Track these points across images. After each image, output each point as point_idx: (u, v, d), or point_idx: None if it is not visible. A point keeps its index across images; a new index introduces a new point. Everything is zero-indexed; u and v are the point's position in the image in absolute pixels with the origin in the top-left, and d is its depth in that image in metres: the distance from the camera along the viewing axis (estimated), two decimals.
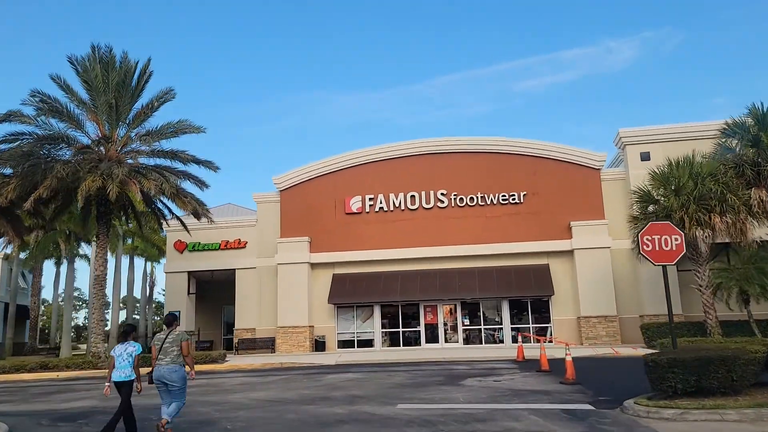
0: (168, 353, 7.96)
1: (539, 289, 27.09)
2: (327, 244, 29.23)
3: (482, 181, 28.64)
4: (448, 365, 19.31)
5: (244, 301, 30.05)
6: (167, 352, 7.97)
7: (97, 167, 20.78)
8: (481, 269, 28.10)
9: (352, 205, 29.43)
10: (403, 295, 27.86)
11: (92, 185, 19.68)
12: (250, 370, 19.85)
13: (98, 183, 19.86)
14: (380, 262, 28.86)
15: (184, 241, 30.95)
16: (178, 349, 8.03)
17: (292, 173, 30.23)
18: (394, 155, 29.66)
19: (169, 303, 30.87)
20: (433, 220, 28.69)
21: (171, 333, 8.14)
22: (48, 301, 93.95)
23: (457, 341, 27.88)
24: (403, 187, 29.19)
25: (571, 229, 27.39)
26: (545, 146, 28.49)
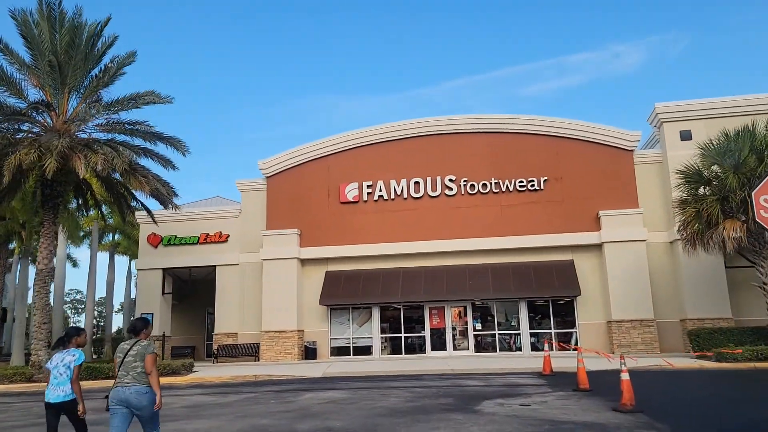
0: (130, 369, 5.95)
1: (563, 289, 23.36)
2: (319, 238, 25.64)
3: (497, 165, 24.98)
4: (459, 379, 15.65)
5: (225, 303, 26.48)
6: (129, 368, 5.96)
7: (36, 140, 17.30)
8: (495, 266, 24.41)
9: (347, 193, 25.83)
10: (405, 296, 24.21)
11: (25, 159, 16.23)
12: (214, 385, 16.24)
13: (32, 156, 16.39)
14: (379, 258, 25.25)
15: (158, 235, 27.44)
16: (142, 364, 5.99)
17: (280, 157, 26.67)
18: (396, 136, 26.05)
19: (141, 304, 27.31)
20: (440, 210, 25.05)
21: (137, 343, 6.09)
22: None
23: (467, 348, 24.19)
24: (406, 172, 25.57)
25: (599, 219, 23.66)
26: (569, 124, 24.79)
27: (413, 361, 21.58)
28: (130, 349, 6.03)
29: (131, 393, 5.84)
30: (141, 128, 19.30)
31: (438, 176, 25.29)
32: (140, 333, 6.20)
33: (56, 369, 6.38)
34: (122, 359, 5.98)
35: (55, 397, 6.29)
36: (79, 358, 6.43)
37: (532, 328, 24.01)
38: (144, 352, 6.00)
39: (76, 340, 6.56)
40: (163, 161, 20.06)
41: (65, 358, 6.41)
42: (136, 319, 6.39)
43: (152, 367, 5.97)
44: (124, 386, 5.87)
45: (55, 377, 6.34)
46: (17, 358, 24.67)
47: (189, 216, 27.43)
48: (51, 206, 18.92)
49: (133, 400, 5.82)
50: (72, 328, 6.74)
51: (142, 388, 5.87)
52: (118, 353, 6.07)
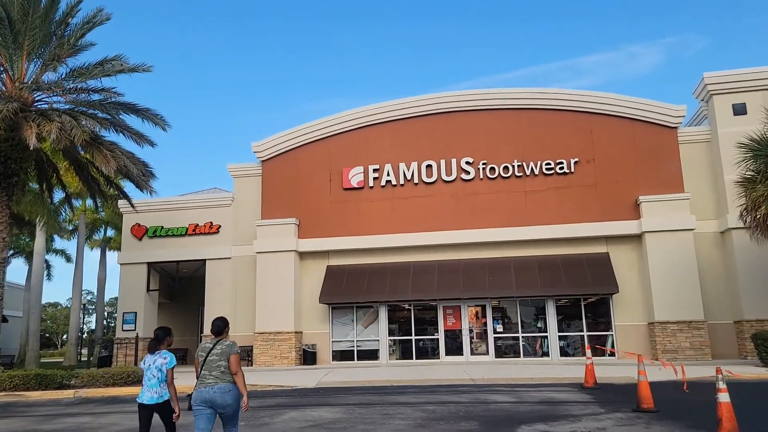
0: (213, 368, 5.86)
1: (597, 286, 20.35)
2: (319, 228, 22.83)
3: (520, 146, 22.04)
4: (481, 392, 12.74)
5: (216, 301, 23.72)
6: (212, 367, 5.88)
7: None
8: (519, 260, 21.46)
9: (351, 178, 23.00)
10: (416, 293, 21.32)
11: None
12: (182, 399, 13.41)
13: None
14: (387, 251, 22.40)
15: (143, 225, 24.76)
16: (226, 364, 5.88)
17: (277, 138, 23.90)
18: (406, 114, 23.18)
19: (124, 302, 24.63)
20: (456, 197, 22.15)
21: (219, 343, 6.00)
22: (60, 304, 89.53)
23: (487, 353, 21.26)
24: (418, 154, 22.70)
25: (639, 205, 20.64)
26: (604, 98, 21.78)
27: (425, 368, 18.68)
28: (213, 348, 5.99)
29: (215, 392, 5.80)
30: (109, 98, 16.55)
31: (453, 158, 22.38)
32: (223, 332, 6.13)
33: (149, 371, 6.39)
34: (205, 358, 5.95)
35: (149, 398, 6.31)
36: (171, 361, 6.41)
37: (561, 330, 21.01)
38: (229, 352, 5.96)
39: (167, 341, 6.55)
40: (135, 135, 17.31)
41: (157, 360, 6.41)
42: (217, 319, 6.22)
43: (237, 367, 5.95)
44: (207, 386, 5.82)
45: (149, 379, 6.37)
46: None
47: (176, 204, 24.77)
48: (4, 187, 16.25)
49: (217, 398, 5.80)
50: (160, 330, 6.61)
51: (226, 386, 5.84)
52: (199, 352, 6.03)
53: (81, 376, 14.81)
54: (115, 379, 14.44)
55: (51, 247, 45.47)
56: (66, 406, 12.58)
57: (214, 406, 5.82)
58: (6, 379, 13.98)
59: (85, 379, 14.68)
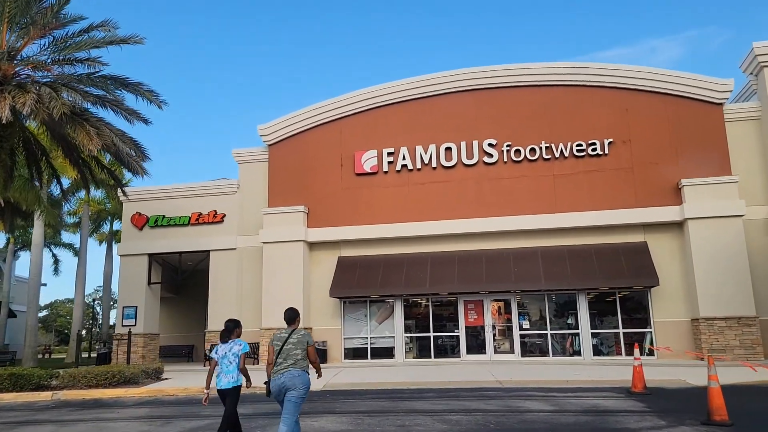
0: (289, 356, 6.22)
1: (634, 278, 18.44)
2: (330, 216, 21.19)
3: (549, 126, 20.18)
4: (511, 398, 11.01)
5: (220, 294, 22.22)
6: (288, 355, 6.23)
7: None
8: (547, 250, 19.64)
9: (364, 162, 21.31)
10: (434, 286, 19.60)
11: None
12: (170, 402, 11.87)
13: None
14: (403, 241, 20.71)
15: (143, 214, 23.32)
16: (302, 352, 6.28)
17: (284, 120, 22.28)
18: (423, 93, 21.42)
19: (124, 295, 23.21)
20: (478, 182, 20.37)
21: (294, 333, 6.35)
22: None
23: (512, 351, 19.48)
24: (436, 136, 20.94)
25: (681, 190, 18.70)
26: (641, 72, 19.83)
27: (445, 368, 16.97)
28: (289, 337, 6.29)
29: (286, 377, 6.09)
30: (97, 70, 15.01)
31: (475, 140, 20.59)
32: (295, 321, 6.48)
33: (225, 358, 6.82)
34: (281, 347, 6.24)
35: (227, 383, 6.75)
36: (245, 347, 6.92)
37: (594, 327, 19.15)
38: (306, 341, 6.29)
39: (236, 332, 7.04)
40: (125, 111, 15.75)
41: (233, 348, 6.89)
42: (289, 309, 6.58)
43: (315, 356, 6.29)
44: (282, 373, 6.11)
45: (226, 365, 6.79)
46: None
47: (179, 191, 23.28)
48: None
49: (287, 382, 6.07)
50: (230, 322, 7.08)
51: (296, 371, 6.10)
52: (275, 341, 6.34)
53: (62, 375, 13.36)
54: (99, 380, 12.94)
55: (59, 241, 44.66)
56: (37, 411, 11.10)
57: (285, 389, 6.09)
58: None
59: (65, 380, 13.23)
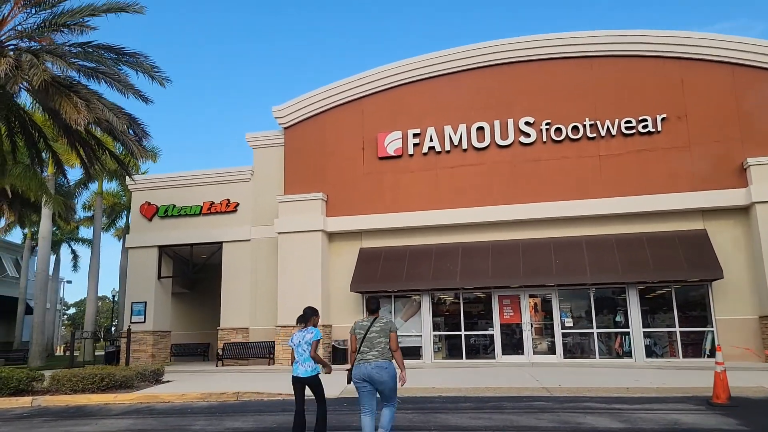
0: (373, 345, 6.19)
1: (693, 270, 16.31)
2: (351, 204, 19.45)
3: (593, 101, 18.13)
4: (566, 410, 9.11)
5: (234, 289, 20.64)
6: (373, 344, 6.20)
7: None
8: (593, 239, 17.61)
9: (387, 145, 19.51)
10: (466, 280, 17.72)
11: None
12: (163, 411, 10.19)
13: None
14: (430, 230, 18.87)
15: (153, 204, 21.87)
16: (386, 340, 6.21)
17: (301, 101, 20.59)
18: (451, 68, 19.52)
19: (132, 290, 21.78)
20: (513, 165, 18.42)
21: (377, 321, 6.32)
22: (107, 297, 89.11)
23: (552, 352, 17.51)
24: (466, 115, 19.04)
25: (747, 170, 16.52)
26: (699, 39, 17.66)
27: (479, 371, 15.07)
28: (372, 326, 6.26)
29: (372, 368, 6.04)
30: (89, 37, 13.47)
31: (510, 119, 18.63)
32: (376, 311, 6.45)
33: (299, 347, 6.82)
34: (364, 335, 6.21)
35: (303, 372, 6.77)
36: (317, 334, 6.83)
37: (646, 325, 17.06)
38: (389, 329, 6.25)
39: (313, 320, 6.99)
40: (119, 83, 14.13)
41: (305, 336, 6.84)
42: (371, 298, 6.87)
43: (396, 344, 6.23)
44: (367, 362, 6.08)
45: (300, 354, 6.80)
46: None
47: (190, 179, 21.77)
48: None
49: (374, 375, 6.03)
50: (309, 309, 7.11)
51: (383, 363, 6.07)
52: (357, 329, 6.34)
53: (45, 378, 11.85)
54: (85, 384, 11.37)
55: (77, 236, 43.82)
56: (5, 421, 9.54)
57: (372, 383, 6.06)
58: None
59: (49, 383, 11.71)
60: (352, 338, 6.39)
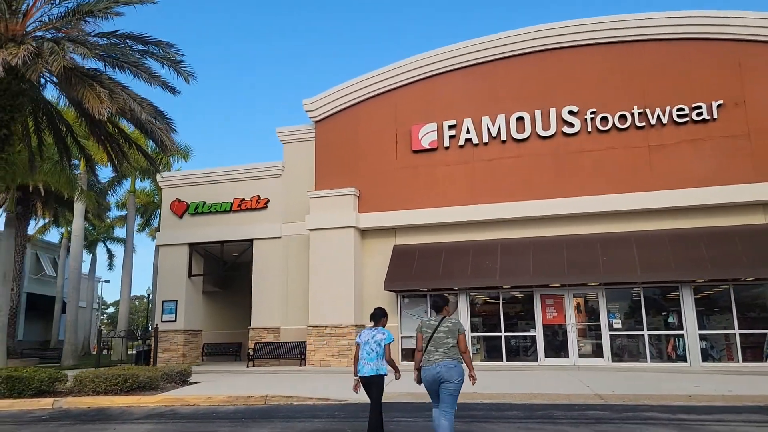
0: (440, 345, 6.13)
1: (754, 267, 15.06)
2: (384, 200, 18.71)
3: (642, 88, 17.01)
4: (625, 420, 8.18)
5: (264, 288, 20.12)
6: (439, 344, 6.14)
7: None
8: (643, 235, 16.49)
9: (422, 137, 18.71)
10: (506, 278, 16.80)
11: None
12: (186, 416, 9.59)
13: None
14: (468, 226, 18.00)
15: (183, 201, 21.51)
16: (453, 341, 6.15)
17: (332, 93, 19.95)
18: (489, 56, 18.61)
19: (163, 289, 21.47)
20: (556, 157, 17.42)
21: (444, 321, 6.26)
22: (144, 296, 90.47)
23: (599, 355, 16.43)
24: (505, 105, 18.12)
25: None
26: (755, 19, 16.37)
27: (522, 375, 14.15)
28: (439, 326, 6.18)
29: (441, 367, 5.98)
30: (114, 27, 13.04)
31: (552, 108, 17.63)
32: (442, 309, 6.35)
33: (367, 345, 6.76)
34: (431, 335, 6.16)
35: (369, 371, 6.67)
36: (389, 337, 6.80)
37: (702, 327, 15.86)
38: (456, 330, 6.17)
39: (382, 321, 6.98)
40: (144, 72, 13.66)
41: (376, 336, 6.81)
42: (436, 296, 6.64)
43: (465, 345, 6.17)
44: (435, 363, 6.01)
45: (367, 353, 6.74)
46: None
47: (220, 175, 21.34)
48: None
49: (444, 372, 5.95)
50: (379, 309, 7.12)
51: (451, 362, 6.00)
52: (424, 329, 6.29)
53: (69, 379, 11.42)
54: (108, 385, 10.88)
55: (112, 236, 44.19)
56: (23, 424, 9.07)
57: (440, 381, 5.98)
58: None
59: (72, 384, 11.27)
60: (419, 336, 6.31)
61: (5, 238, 20.61)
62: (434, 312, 6.45)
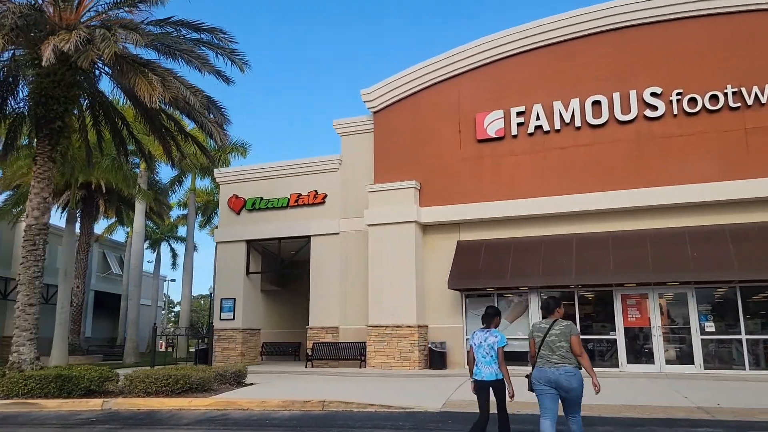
0: (554, 348, 5.75)
1: None
2: (447, 193, 17.62)
3: (736, 65, 15.24)
4: None
5: (322, 286, 19.40)
6: (553, 347, 5.77)
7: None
8: (740, 228, 14.74)
9: (488, 126, 17.51)
10: (582, 276, 15.38)
11: None
12: (238, 422, 8.82)
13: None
14: (538, 220, 16.69)
15: (241, 197, 21.09)
16: (567, 345, 5.73)
17: (391, 82, 19.01)
18: (559, 37, 17.22)
19: (221, 286, 21.12)
20: (637, 143, 15.86)
21: (556, 323, 5.86)
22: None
23: (689, 361, 14.78)
24: (579, 88, 16.68)
25: None
26: None
27: (604, 382, 12.71)
28: (551, 329, 5.83)
29: (560, 374, 5.64)
30: None
31: (632, 90, 16.08)
32: (554, 311, 5.99)
33: (481, 348, 6.38)
34: (543, 338, 5.82)
35: (488, 374, 6.29)
36: (501, 340, 6.37)
37: None
38: (569, 332, 5.78)
39: (496, 320, 6.58)
40: (197, 60, 13.11)
41: (488, 339, 6.37)
42: (548, 298, 6.29)
43: (580, 348, 5.75)
44: (552, 366, 5.70)
45: (483, 356, 6.35)
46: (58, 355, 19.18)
47: (276, 170, 20.80)
48: (46, 133, 12.87)
49: (563, 381, 5.62)
50: (491, 308, 6.70)
51: (571, 369, 5.65)
52: (535, 333, 5.95)
53: (119, 378, 10.92)
54: (159, 386, 10.30)
55: (175, 235, 44.87)
56: (69, 427, 8.53)
57: (558, 388, 5.67)
58: (19, 382, 10.38)
59: (122, 384, 10.76)
60: (531, 342, 5.98)
61: (66, 236, 20.72)
62: (545, 314, 6.04)
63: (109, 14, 13.09)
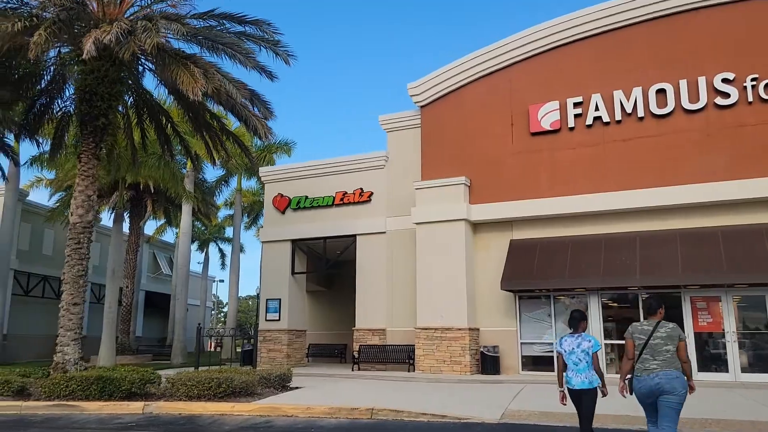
0: (657, 353, 5.44)
1: None
2: (498, 189, 16.79)
3: None
4: None
5: (368, 286, 18.86)
6: (655, 351, 5.45)
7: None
8: None
9: (542, 118, 16.60)
10: (647, 277, 14.31)
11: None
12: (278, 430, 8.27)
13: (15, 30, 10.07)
14: (598, 218, 15.68)
15: (285, 196, 20.76)
16: (673, 349, 5.43)
17: (438, 75, 18.31)
18: (618, 22, 16.16)
19: (266, 286, 20.82)
20: (707, 134, 14.68)
21: (662, 325, 5.58)
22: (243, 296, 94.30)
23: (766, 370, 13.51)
24: (641, 76, 15.59)
25: None
26: None
27: None
28: (655, 331, 5.56)
29: (661, 378, 5.37)
30: None
31: (701, 76, 14.90)
32: (656, 312, 5.79)
33: (573, 354, 6.16)
34: (645, 341, 5.54)
35: (580, 383, 6.08)
36: (596, 344, 6.19)
37: None
38: (676, 335, 5.52)
39: (582, 325, 6.37)
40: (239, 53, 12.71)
41: (582, 344, 6.17)
42: (650, 298, 6.11)
43: (686, 354, 5.52)
44: (652, 373, 5.40)
45: (576, 363, 6.14)
46: (106, 354, 19.22)
47: (321, 168, 20.37)
48: (90, 131, 12.73)
49: (664, 384, 5.35)
50: (577, 312, 6.50)
51: (672, 372, 5.37)
52: (637, 334, 5.69)
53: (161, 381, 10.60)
54: (201, 389, 9.90)
55: (223, 236, 45.22)
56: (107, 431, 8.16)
57: (659, 393, 5.36)
58: (61, 383, 10.17)
59: (164, 387, 10.43)
60: (629, 343, 5.69)
61: (114, 236, 20.81)
62: (648, 315, 5.80)
63: (153, 8, 12.88)
